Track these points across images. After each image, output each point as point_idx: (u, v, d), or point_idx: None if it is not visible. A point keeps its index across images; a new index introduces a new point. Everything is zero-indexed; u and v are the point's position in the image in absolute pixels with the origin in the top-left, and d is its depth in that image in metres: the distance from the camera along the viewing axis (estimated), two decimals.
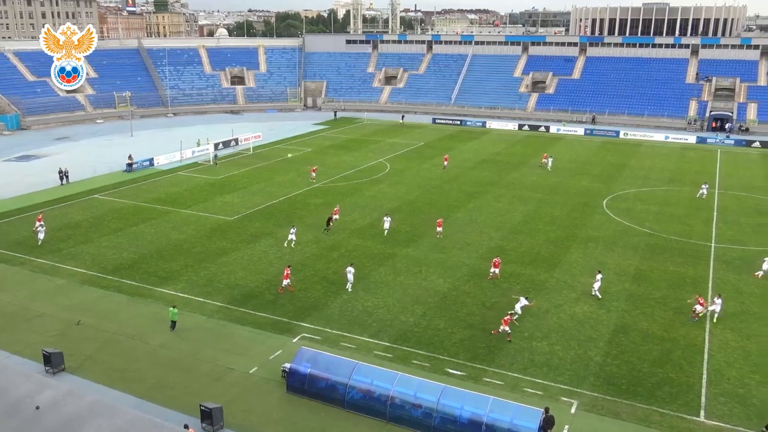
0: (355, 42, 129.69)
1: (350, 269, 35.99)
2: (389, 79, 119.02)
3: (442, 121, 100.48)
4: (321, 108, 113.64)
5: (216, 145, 72.88)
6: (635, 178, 63.78)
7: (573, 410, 25.07)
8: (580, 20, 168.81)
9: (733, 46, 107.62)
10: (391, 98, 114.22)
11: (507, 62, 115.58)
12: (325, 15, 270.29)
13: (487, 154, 75.64)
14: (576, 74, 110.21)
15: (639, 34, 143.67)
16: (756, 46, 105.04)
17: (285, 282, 35.14)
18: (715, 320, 32.37)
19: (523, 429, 22.48)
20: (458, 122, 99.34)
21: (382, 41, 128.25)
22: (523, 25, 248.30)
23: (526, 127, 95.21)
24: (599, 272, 35.94)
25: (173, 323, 30.86)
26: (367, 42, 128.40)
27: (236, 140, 77.78)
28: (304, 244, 43.04)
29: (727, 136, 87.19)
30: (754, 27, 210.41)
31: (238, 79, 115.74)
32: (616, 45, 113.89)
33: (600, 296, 34.91)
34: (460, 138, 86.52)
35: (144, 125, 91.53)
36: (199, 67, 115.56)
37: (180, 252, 41.48)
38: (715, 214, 51.39)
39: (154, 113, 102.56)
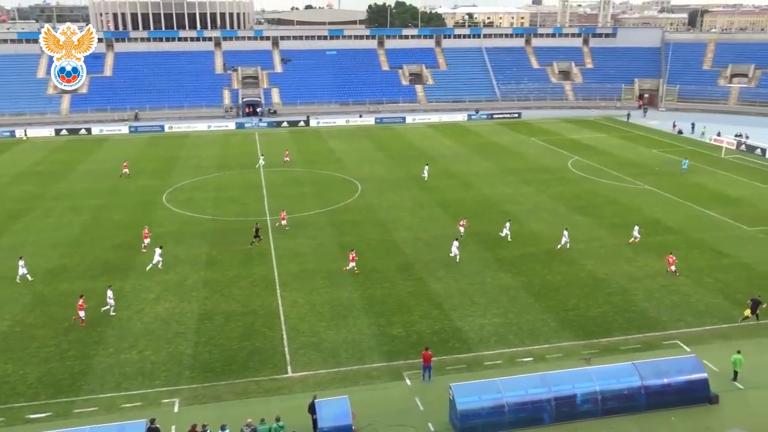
0: None
1: (109, 292, 32.65)
2: None
3: None
4: None
5: None
6: (189, 168, 65.37)
7: (176, 409, 24.91)
8: (101, 15, 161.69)
9: (250, 38, 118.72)
10: None
11: (26, 62, 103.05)
12: None
13: (24, 165, 67.14)
14: (108, 71, 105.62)
15: (163, 28, 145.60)
16: (268, 38, 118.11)
17: (81, 313, 31.22)
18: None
19: None
20: None
21: None
22: (37, 21, 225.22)
23: (64, 132, 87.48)
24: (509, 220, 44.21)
25: None
26: None
27: None
28: None
29: (260, 120, 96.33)
30: (263, 20, 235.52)
31: None
32: (143, 40, 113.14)
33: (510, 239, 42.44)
34: None
35: None
36: None
37: None
38: (264, 190, 56.57)
39: None
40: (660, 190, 55.35)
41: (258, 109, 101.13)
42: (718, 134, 77.86)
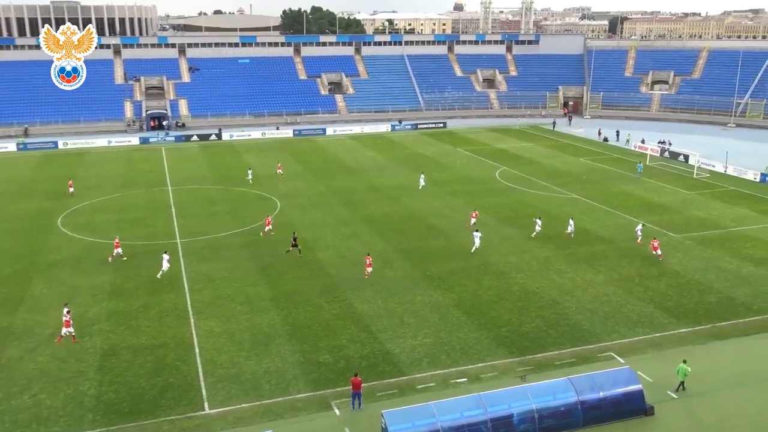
0: None
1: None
2: None
3: None
4: None
5: None
6: (88, 188, 62.69)
7: None
8: None
9: (153, 45, 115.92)
10: None
11: None
12: None
13: None
14: None
15: None
16: (174, 45, 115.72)
17: (65, 330, 31.18)
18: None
19: None
20: None
21: None
22: None
23: None
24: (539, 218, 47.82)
25: None
26: None
27: None
28: None
29: (167, 134, 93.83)
30: (168, 26, 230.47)
31: None
32: (31, 47, 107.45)
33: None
34: None
35: None
36: None
37: None
38: (173, 210, 55.01)
39: None
40: (588, 199, 57.63)
41: (164, 122, 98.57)
42: (642, 141, 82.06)
